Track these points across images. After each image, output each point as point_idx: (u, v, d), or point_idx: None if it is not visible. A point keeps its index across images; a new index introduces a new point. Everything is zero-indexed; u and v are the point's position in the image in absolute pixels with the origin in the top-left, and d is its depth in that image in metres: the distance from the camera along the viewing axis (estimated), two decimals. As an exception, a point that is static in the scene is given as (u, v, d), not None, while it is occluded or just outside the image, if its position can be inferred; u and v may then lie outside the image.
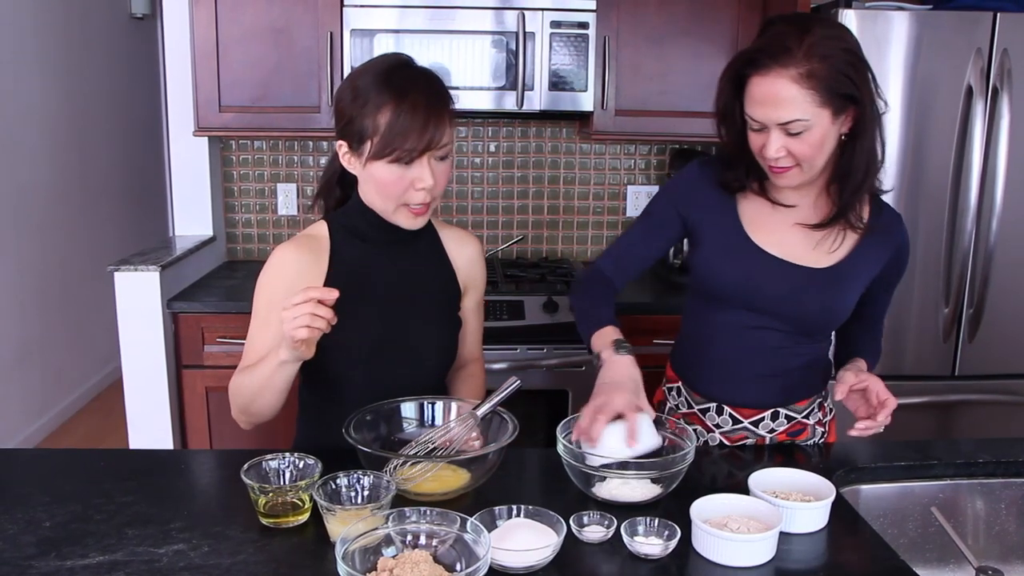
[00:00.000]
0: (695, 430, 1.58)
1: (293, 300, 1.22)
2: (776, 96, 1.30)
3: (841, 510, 1.25)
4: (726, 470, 1.43)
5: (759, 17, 2.66)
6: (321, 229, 1.47)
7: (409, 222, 1.40)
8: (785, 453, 1.50)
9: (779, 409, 1.54)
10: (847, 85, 1.30)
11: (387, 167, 1.33)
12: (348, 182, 1.48)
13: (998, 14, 2.38)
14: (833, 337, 1.59)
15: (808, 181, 1.41)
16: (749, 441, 1.55)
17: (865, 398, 1.41)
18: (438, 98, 1.34)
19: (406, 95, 1.30)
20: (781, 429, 1.55)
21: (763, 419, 1.54)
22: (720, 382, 1.55)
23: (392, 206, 1.37)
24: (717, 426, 1.56)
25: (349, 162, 1.39)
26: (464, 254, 1.56)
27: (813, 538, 1.19)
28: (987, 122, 2.43)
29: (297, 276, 1.40)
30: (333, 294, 1.22)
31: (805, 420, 1.56)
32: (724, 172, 1.49)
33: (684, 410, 1.60)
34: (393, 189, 1.35)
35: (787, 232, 1.47)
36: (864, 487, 1.42)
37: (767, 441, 1.55)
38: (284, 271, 1.41)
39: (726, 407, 1.55)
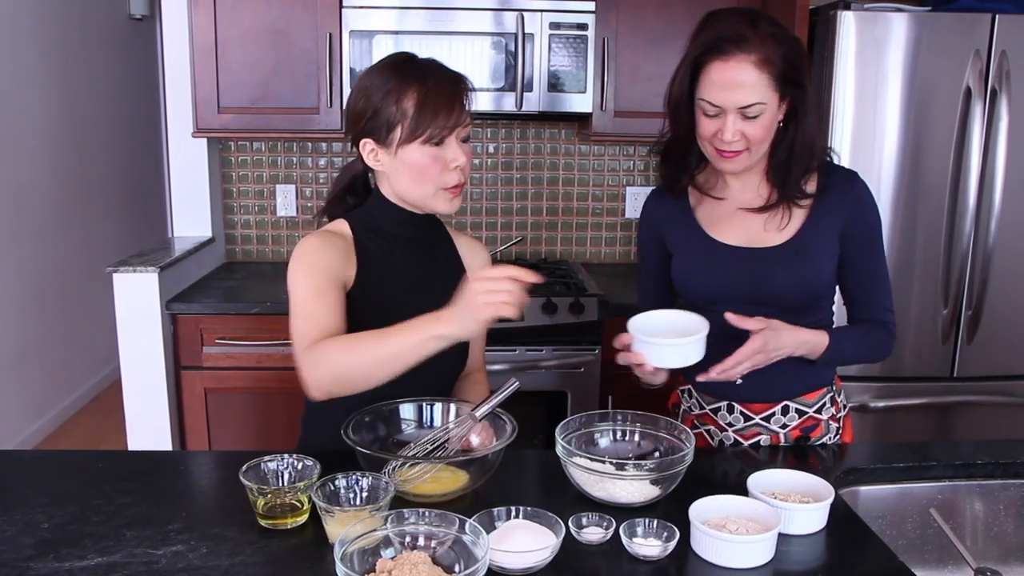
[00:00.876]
0: (708, 431, 1.59)
1: (487, 274, 1.21)
2: (736, 80, 1.37)
3: (840, 511, 1.25)
4: (725, 471, 1.43)
5: (758, 18, 2.66)
6: (343, 227, 1.46)
7: (447, 205, 1.42)
8: (784, 454, 1.50)
9: (788, 403, 1.54)
10: (794, 72, 1.40)
11: (420, 149, 1.35)
12: (357, 192, 1.49)
13: (997, 16, 2.38)
14: (835, 322, 1.59)
15: (752, 166, 1.47)
16: (764, 437, 1.55)
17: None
18: (458, 77, 1.40)
19: (427, 78, 1.36)
20: (793, 424, 1.55)
21: (773, 414, 1.54)
22: (725, 381, 1.54)
23: (431, 190, 1.39)
24: (730, 424, 1.56)
25: (376, 159, 1.40)
26: (476, 261, 1.57)
27: (812, 539, 1.19)
28: (986, 123, 2.43)
29: (340, 256, 1.40)
30: (532, 276, 1.22)
31: (817, 415, 1.55)
32: (666, 170, 1.55)
33: (697, 411, 1.61)
34: (429, 172, 1.37)
35: (739, 219, 1.52)
36: (863, 488, 1.42)
37: (781, 439, 1.55)
38: (330, 250, 1.39)
39: (736, 405, 1.55)
